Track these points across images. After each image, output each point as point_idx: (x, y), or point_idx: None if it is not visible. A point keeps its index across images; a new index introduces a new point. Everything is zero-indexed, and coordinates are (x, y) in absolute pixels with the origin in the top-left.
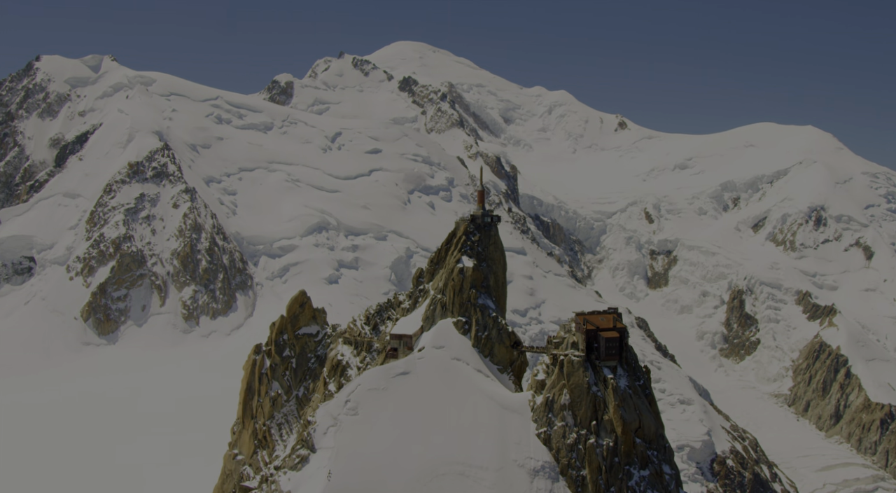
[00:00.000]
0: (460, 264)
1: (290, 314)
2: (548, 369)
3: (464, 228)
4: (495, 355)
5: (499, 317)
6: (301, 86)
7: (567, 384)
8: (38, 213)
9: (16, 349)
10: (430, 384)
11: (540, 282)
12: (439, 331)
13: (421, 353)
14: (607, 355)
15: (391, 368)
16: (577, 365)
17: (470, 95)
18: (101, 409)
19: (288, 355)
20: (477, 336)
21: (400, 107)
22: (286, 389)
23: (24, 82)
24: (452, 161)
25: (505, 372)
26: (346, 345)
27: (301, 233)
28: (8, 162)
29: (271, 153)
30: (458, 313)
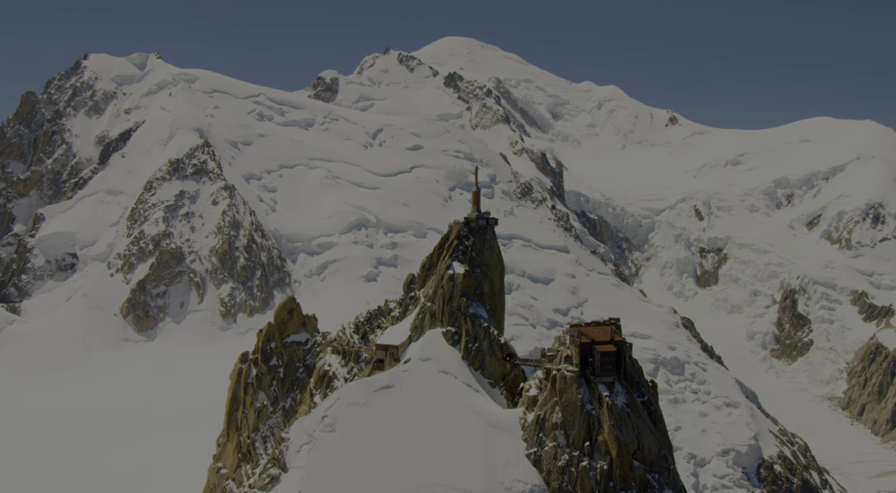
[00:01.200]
0: (450, 271)
1: (278, 321)
2: (540, 384)
3: (456, 231)
4: (487, 367)
5: (491, 327)
6: (346, 82)
7: (559, 402)
8: (81, 210)
9: (57, 345)
10: (414, 399)
11: (583, 280)
12: (427, 342)
13: (406, 365)
14: (603, 370)
15: (373, 381)
16: (570, 381)
17: (518, 90)
18: (134, 405)
19: (275, 364)
20: (467, 348)
21: (445, 103)
22: (272, 400)
23: (72, 81)
24: (495, 158)
25: (497, 386)
26: (334, 354)
27: (340, 230)
28: (56, 159)
29: (312, 150)
30: (448, 322)
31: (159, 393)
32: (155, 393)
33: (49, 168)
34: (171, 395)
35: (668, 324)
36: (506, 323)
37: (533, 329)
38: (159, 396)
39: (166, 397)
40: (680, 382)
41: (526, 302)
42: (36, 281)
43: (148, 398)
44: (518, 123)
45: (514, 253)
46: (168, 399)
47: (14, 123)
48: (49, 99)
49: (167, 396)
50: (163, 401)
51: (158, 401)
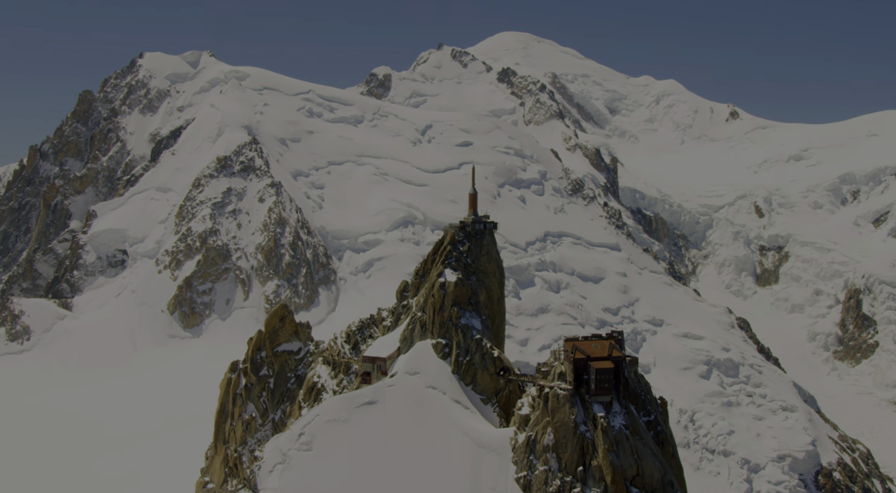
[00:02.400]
0: (442, 279)
1: (269, 329)
2: (533, 402)
3: (450, 236)
4: (478, 383)
5: (484, 339)
6: (399, 78)
7: (551, 422)
8: (131, 207)
9: (106, 340)
10: (399, 416)
11: (634, 279)
12: (416, 354)
13: (392, 379)
14: (598, 389)
15: (355, 396)
16: (563, 400)
17: (574, 85)
18: (178, 401)
19: (265, 374)
20: (457, 361)
21: (498, 98)
22: (262, 412)
23: (127, 79)
24: (546, 154)
25: (490, 403)
26: (325, 365)
27: (387, 227)
28: (111, 157)
29: (361, 147)
30: (438, 334)
31: (202, 389)
32: (198, 389)
33: (104, 166)
34: (214, 391)
35: (722, 324)
36: (554, 323)
37: (581, 329)
38: (202, 392)
39: (209, 394)
40: (734, 384)
41: (575, 301)
42: (87, 277)
43: (190, 394)
44: (574, 119)
45: (563, 251)
46: (211, 395)
47: (72, 122)
48: (105, 97)
49: (209, 392)
50: (206, 397)
51: (201, 397)
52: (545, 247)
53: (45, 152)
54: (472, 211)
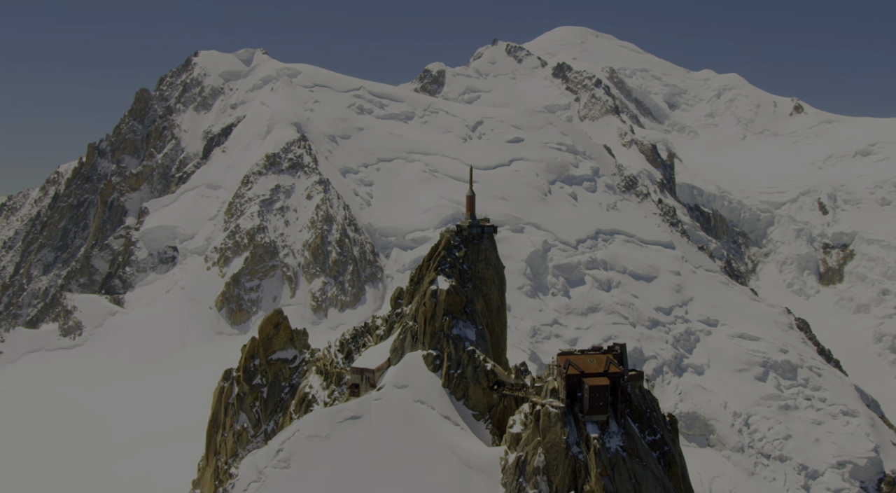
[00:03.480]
0: (433, 286)
1: (263, 336)
2: (526, 420)
3: (445, 240)
4: (470, 397)
5: (476, 351)
6: (453, 74)
7: (542, 442)
8: (182, 204)
9: (155, 337)
10: (384, 433)
11: (688, 278)
12: (405, 366)
13: (379, 392)
14: (592, 407)
15: (339, 410)
16: (555, 419)
17: (633, 80)
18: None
19: (258, 383)
20: (448, 374)
21: (552, 94)
22: (254, 422)
23: (182, 77)
24: (598, 150)
25: (482, 419)
26: (318, 375)
27: (435, 225)
28: (166, 154)
29: (411, 143)
30: (429, 344)
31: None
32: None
33: (159, 163)
34: (362, 364)
35: (780, 325)
36: (604, 322)
37: (633, 329)
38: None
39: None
40: (792, 387)
41: (626, 300)
42: (139, 273)
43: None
44: (631, 114)
45: (615, 249)
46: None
47: (129, 120)
48: (161, 95)
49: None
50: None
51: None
52: (596, 245)
53: (103, 150)
54: (469, 214)
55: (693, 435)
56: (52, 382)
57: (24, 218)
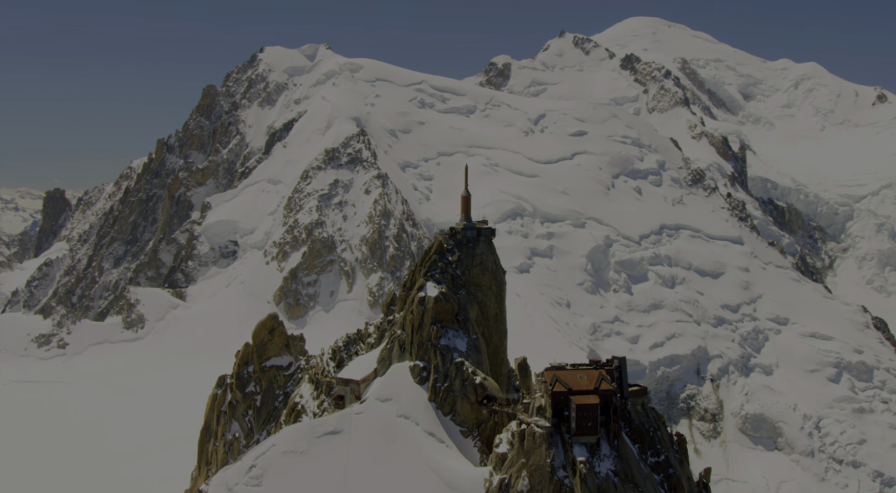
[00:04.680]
0: (422, 293)
1: (257, 342)
2: (512, 439)
3: (437, 244)
4: (458, 412)
5: (465, 363)
6: (519, 67)
7: (526, 465)
8: (244, 199)
9: (214, 330)
10: (363, 450)
11: (757, 274)
12: (390, 378)
13: (361, 406)
14: (580, 428)
15: (317, 425)
16: (540, 439)
17: (706, 70)
18: None
19: (252, 390)
20: (435, 387)
21: (620, 86)
22: (246, 432)
23: (248, 73)
24: (665, 143)
25: (471, 436)
26: (310, 384)
27: (494, 219)
28: (231, 149)
29: (472, 137)
30: (417, 355)
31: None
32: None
33: (224, 158)
34: (349, 374)
35: (855, 324)
36: (667, 320)
37: (697, 327)
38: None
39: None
40: (867, 389)
41: (690, 297)
42: (201, 267)
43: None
44: (703, 106)
45: (680, 244)
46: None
47: (196, 116)
48: (227, 91)
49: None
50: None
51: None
52: (660, 240)
53: (171, 146)
54: (464, 215)
55: (760, 438)
56: (114, 374)
57: (98, 212)
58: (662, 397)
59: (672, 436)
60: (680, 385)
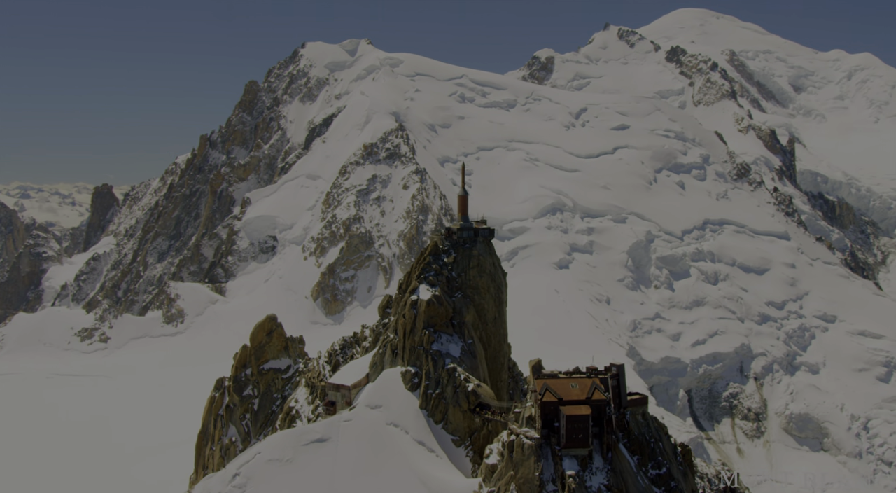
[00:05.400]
0: (414, 296)
1: (255, 344)
2: (503, 449)
3: (431, 246)
4: (450, 421)
5: (457, 369)
6: (562, 61)
7: (515, 478)
8: (283, 194)
9: (252, 325)
10: (350, 459)
11: (804, 271)
12: (381, 384)
13: (350, 413)
14: (570, 440)
15: (304, 432)
16: (528, 451)
17: (755, 62)
18: None
19: (249, 394)
20: (426, 394)
21: (665, 79)
22: (243, 436)
23: (289, 69)
24: (709, 137)
25: (463, 445)
26: (305, 388)
27: (534, 215)
28: (272, 145)
29: (512, 132)
30: (409, 361)
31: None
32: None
33: (266, 153)
34: (341, 378)
35: None
36: (709, 317)
37: (740, 324)
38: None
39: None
40: None
41: (734, 294)
42: (240, 263)
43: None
44: (752, 98)
45: (723, 240)
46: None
47: (238, 111)
48: (269, 87)
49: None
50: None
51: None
52: (703, 236)
53: (214, 141)
54: (461, 215)
55: (805, 438)
56: (153, 368)
57: (144, 207)
58: (704, 395)
59: (676, 447)
60: (722, 384)
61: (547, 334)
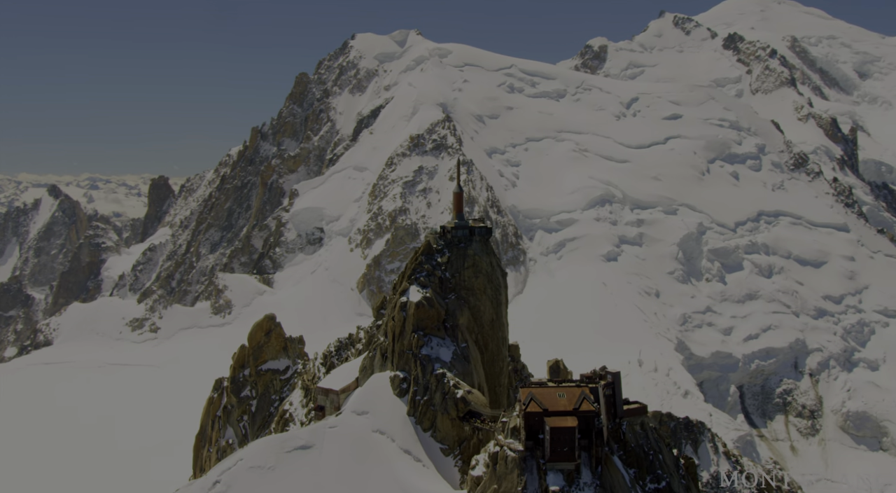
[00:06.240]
0: (404, 298)
1: (253, 344)
2: (488, 461)
3: (424, 245)
4: (439, 428)
5: (446, 375)
6: (615, 49)
7: (498, 491)
8: (330, 185)
9: (299, 317)
10: (333, 467)
11: (864, 264)
12: (369, 389)
13: (336, 419)
14: (555, 453)
15: (287, 438)
16: (512, 464)
17: (818, 49)
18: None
19: (247, 395)
20: (414, 401)
21: (722, 67)
22: (240, 438)
23: (339, 61)
24: (765, 126)
25: (452, 455)
26: (301, 390)
27: (582, 206)
28: (322, 136)
29: (561, 122)
30: (398, 365)
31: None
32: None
33: (315, 145)
34: (331, 382)
35: None
36: (763, 311)
37: (795, 318)
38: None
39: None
40: None
41: (789, 287)
42: (288, 254)
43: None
44: (814, 86)
45: (779, 232)
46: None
47: (289, 103)
48: (319, 79)
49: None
50: None
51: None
52: (757, 227)
53: (265, 133)
54: (456, 213)
55: (862, 437)
56: (199, 358)
57: (199, 199)
58: (756, 391)
59: (678, 459)
60: (776, 379)
61: (593, 327)
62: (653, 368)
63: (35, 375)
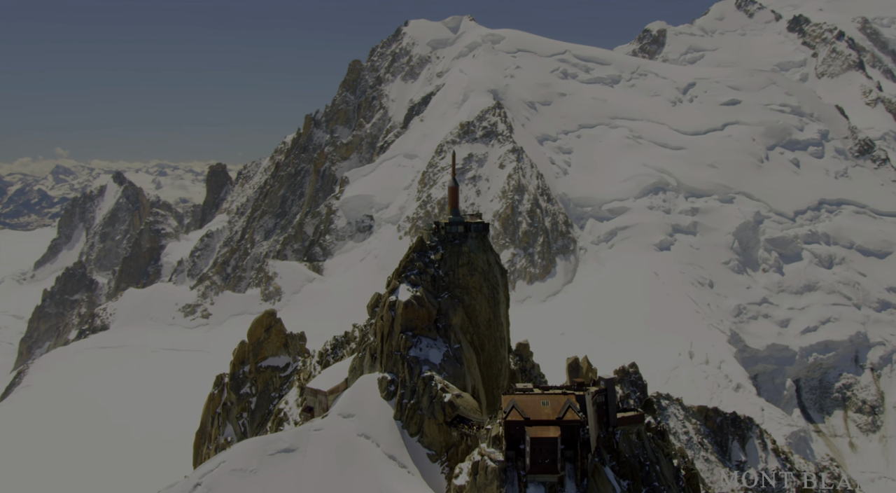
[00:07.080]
0: (393, 297)
1: (253, 340)
2: (471, 470)
3: (417, 242)
4: (426, 433)
5: (434, 377)
6: (674, 34)
7: None
8: (380, 173)
9: (346, 305)
10: (316, 472)
11: None
12: (356, 391)
13: (322, 421)
14: (535, 465)
15: (271, 441)
16: (492, 475)
17: (890, 30)
18: None
19: (247, 392)
20: (401, 404)
21: (786, 50)
22: (240, 436)
23: (392, 47)
24: (829, 111)
25: (439, 461)
26: (297, 389)
27: (635, 194)
28: (374, 124)
29: (615, 108)
30: (386, 366)
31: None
32: None
33: (368, 132)
34: (321, 382)
35: None
36: (822, 303)
37: (856, 311)
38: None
39: None
40: None
41: (850, 279)
42: (338, 242)
43: None
44: (885, 69)
45: (841, 221)
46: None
47: (342, 91)
48: (372, 66)
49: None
50: None
51: None
52: (818, 216)
53: (318, 121)
54: (451, 208)
55: None
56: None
57: (254, 186)
58: (814, 385)
59: (679, 469)
60: (835, 374)
61: (644, 318)
62: (704, 360)
63: (88, 359)
